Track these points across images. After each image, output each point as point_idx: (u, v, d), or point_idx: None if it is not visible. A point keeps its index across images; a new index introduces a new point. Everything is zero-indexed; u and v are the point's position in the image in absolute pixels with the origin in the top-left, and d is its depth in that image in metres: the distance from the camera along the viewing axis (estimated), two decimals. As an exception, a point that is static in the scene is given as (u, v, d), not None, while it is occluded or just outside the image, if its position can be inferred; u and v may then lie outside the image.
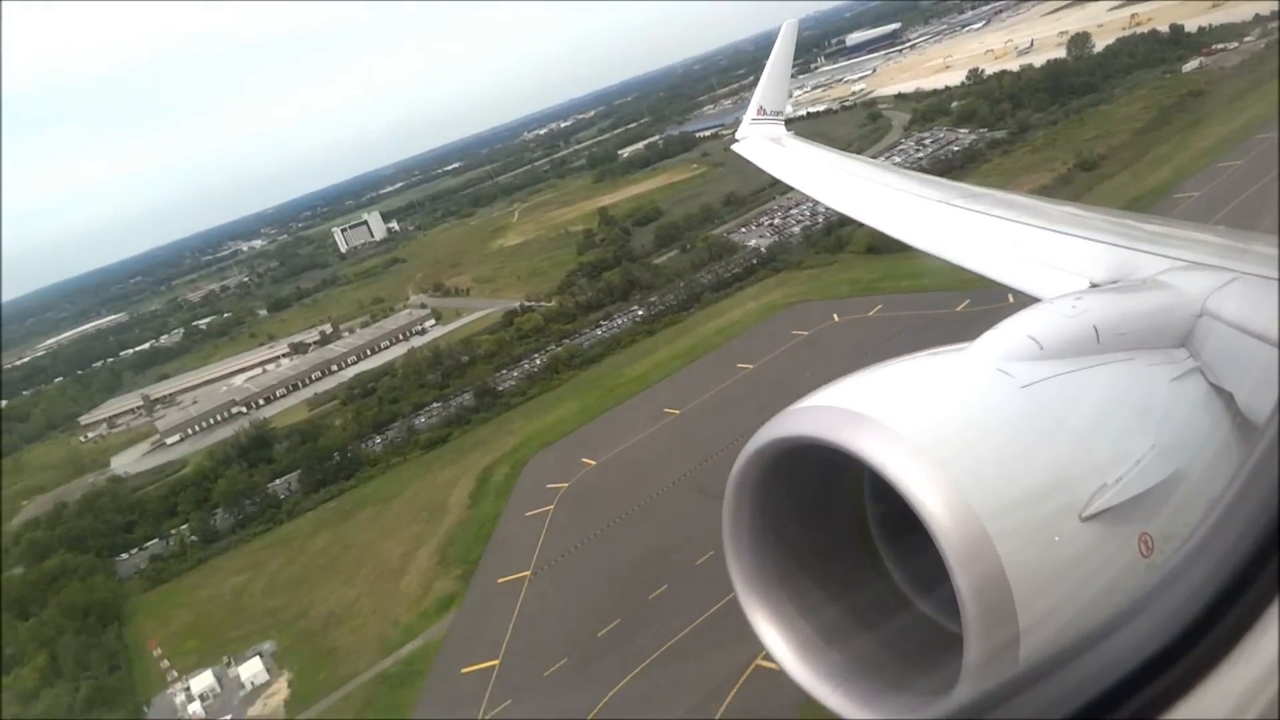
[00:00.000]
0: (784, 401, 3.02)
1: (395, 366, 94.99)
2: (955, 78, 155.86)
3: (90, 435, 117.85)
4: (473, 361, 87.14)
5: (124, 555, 68.86)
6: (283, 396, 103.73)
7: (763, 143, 12.69)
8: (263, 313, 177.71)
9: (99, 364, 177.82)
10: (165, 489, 77.95)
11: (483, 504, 56.89)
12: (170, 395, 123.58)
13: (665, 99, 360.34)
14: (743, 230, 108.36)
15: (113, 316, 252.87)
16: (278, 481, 72.50)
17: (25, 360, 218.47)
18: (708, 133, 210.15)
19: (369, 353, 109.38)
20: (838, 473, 3.13)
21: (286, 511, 66.94)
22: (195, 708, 44.72)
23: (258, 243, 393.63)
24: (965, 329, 3.30)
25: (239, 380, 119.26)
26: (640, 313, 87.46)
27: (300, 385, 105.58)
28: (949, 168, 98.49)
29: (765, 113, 13.54)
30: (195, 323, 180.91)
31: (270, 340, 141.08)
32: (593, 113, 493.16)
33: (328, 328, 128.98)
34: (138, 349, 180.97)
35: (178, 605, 58.08)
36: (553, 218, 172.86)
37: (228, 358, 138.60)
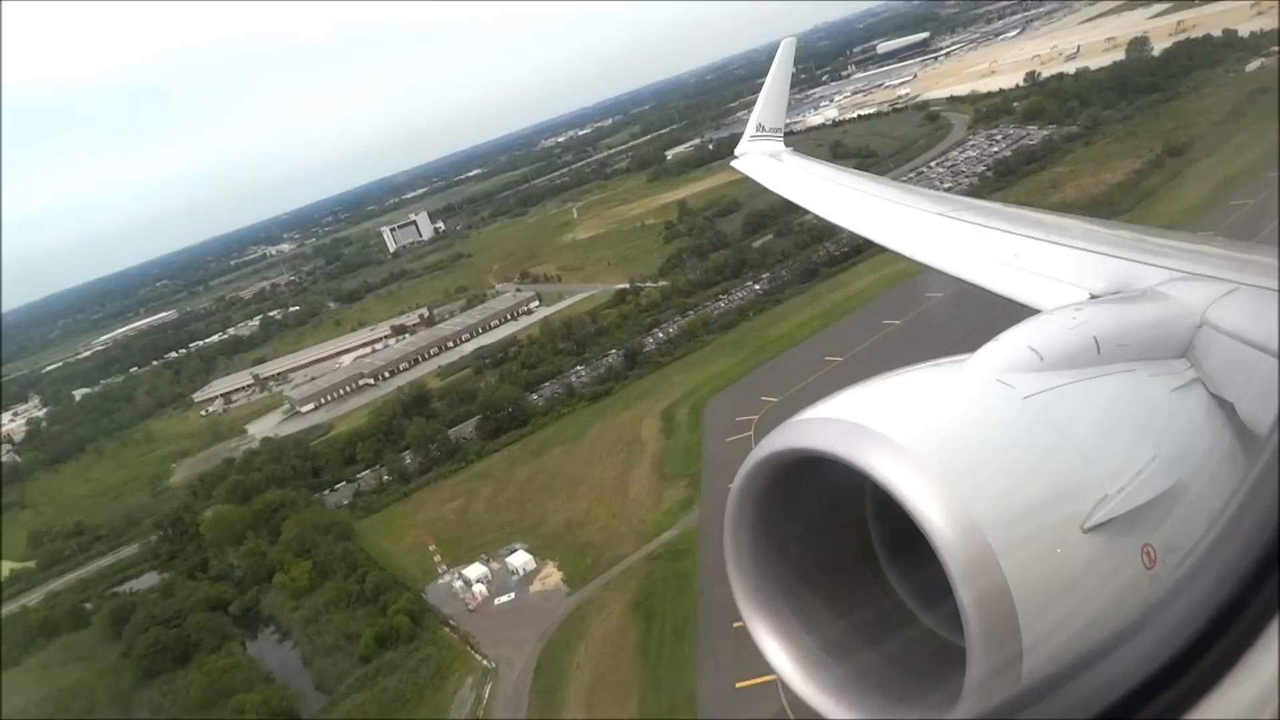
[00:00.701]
0: (938, 350, 3.48)
1: (526, 337, 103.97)
2: (1005, 81, 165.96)
3: (208, 410, 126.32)
4: (602, 331, 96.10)
5: (319, 494, 77.40)
6: (406, 370, 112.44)
7: (762, 159, 13.04)
8: (333, 304, 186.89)
9: (172, 354, 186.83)
10: (340, 443, 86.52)
11: (677, 435, 65.66)
12: (280, 374, 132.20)
13: (694, 105, 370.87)
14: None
15: (161, 314, 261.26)
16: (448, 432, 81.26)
17: (84, 355, 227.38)
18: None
19: (480, 331, 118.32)
20: (840, 485, 3.15)
21: (475, 452, 75.63)
22: (479, 588, 53.21)
23: (285, 246, 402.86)
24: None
25: (346, 360, 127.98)
26: (758, 287, 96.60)
27: (420, 360, 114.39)
28: (1032, 158, 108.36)
29: (764, 130, 13.88)
30: (270, 314, 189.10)
31: (360, 326, 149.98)
32: (610, 121, 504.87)
33: (423, 312, 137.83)
34: (206, 340, 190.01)
35: (403, 527, 66.50)
36: (618, 213, 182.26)
37: (321, 342, 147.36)
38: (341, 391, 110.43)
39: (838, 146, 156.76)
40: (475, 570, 54.98)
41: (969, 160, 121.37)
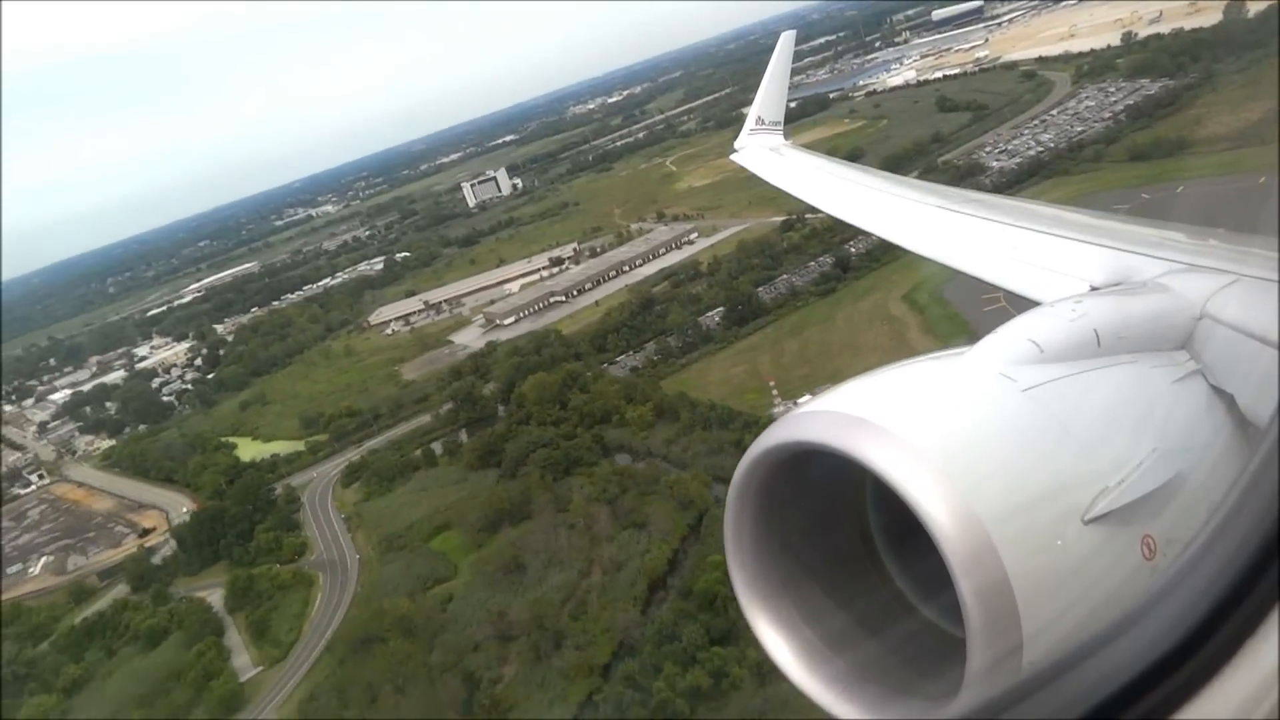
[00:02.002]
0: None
1: (709, 258, 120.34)
2: (1090, 43, 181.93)
3: (392, 330, 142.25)
4: (794, 248, 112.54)
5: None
6: (590, 289, 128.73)
7: (761, 152, 13.40)
8: (448, 250, 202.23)
9: (290, 295, 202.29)
10: (578, 339, 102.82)
11: (931, 310, 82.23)
12: (447, 300, 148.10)
13: (741, 71, 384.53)
14: (971, 157, 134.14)
15: (244, 266, 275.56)
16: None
17: (185, 300, 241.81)
18: (834, 94, 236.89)
19: (650, 258, 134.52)
20: (840, 478, 3.20)
21: (728, 337, 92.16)
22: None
23: (328, 208, 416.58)
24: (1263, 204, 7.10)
25: (513, 287, 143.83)
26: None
27: (601, 281, 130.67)
28: (1160, 104, 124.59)
29: (763, 123, 14.23)
30: (372, 261, 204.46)
31: (501, 263, 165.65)
32: (640, 88, 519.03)
33: (575, 246, 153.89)
34: (321, 283, 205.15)
35: (699, 386, 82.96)
36: (721, 165, 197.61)
37: (467, 276, 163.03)
38: (536, 308, 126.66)
39: (944, 101, 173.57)
40: (809, 399, 71.59)
41: (1090, 109, 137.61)
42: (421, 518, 73.44)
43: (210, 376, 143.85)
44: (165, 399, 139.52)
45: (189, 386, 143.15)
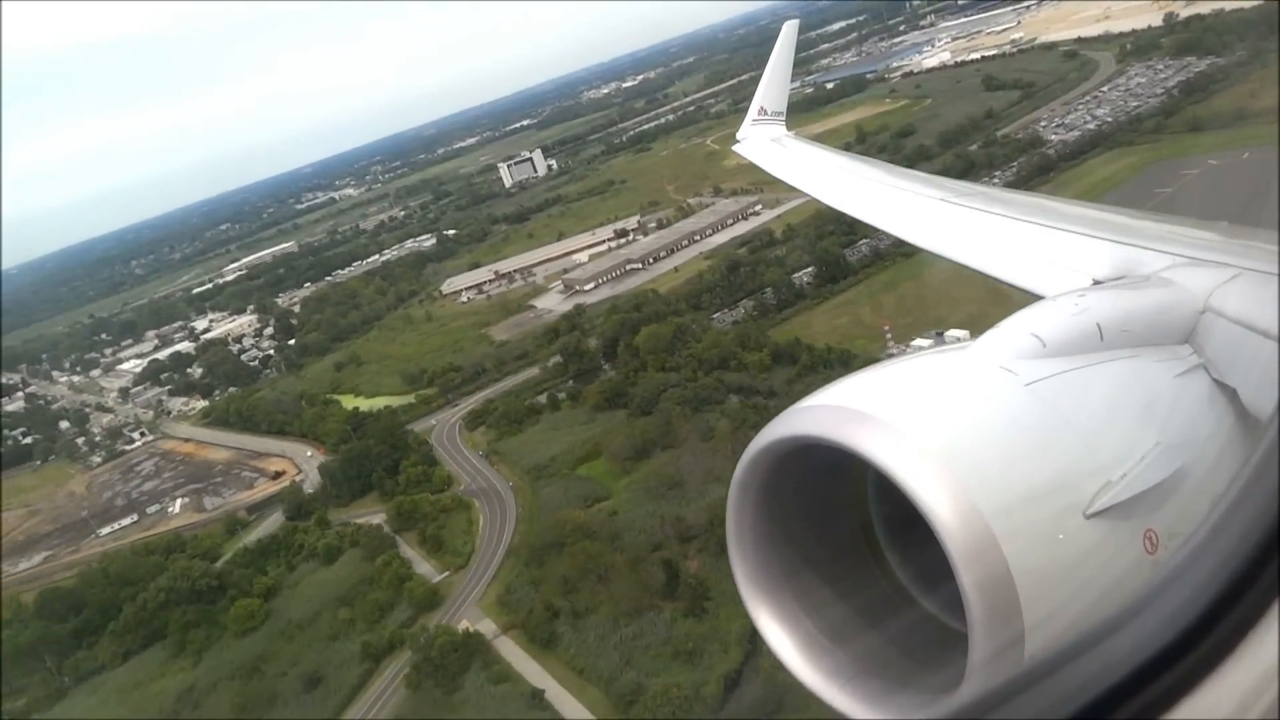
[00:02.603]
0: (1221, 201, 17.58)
1: (782, 225, 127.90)
2: (1129, 24, 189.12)
3: (467, 298, 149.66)
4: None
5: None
6: (665, 258, 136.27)
7: (764, 143, 13.61)
8: (497, 226, 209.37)
9: (340, 271, 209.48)
10: (671, 298, 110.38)
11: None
12: (517, 270, 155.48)
13: (758, 56, 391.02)
14: (1028, 131, 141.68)
15: (282, 246, 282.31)
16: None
17: (230, 279, 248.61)
18: (871, 75, 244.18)
19: (719, 228, 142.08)
20: (842, 472, 3.27)
21: (826, 291, 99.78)
22: (953, 332, 77.32)
23: (349, 191, 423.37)
24: None
25: (581, 257, 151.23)
26: (998, 178, 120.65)
27: (674, 250, 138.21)
28: (1212, 80, 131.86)
29: (766, 113, 14.40)
30: (445, 232, 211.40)
31: (561, 236, 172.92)
32: (654, 72, 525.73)
33: (638, 219, 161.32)
34: (371, 259, 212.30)
35: (805, 336, 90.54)
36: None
37: (526, 250, 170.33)
38: (614, 274, 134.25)
39: (990, 80, 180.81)
40: (921, 341, 79.30)
41: (1141, 85, 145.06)
42: (562, 451, 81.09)
43: (291, 343, 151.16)
44: (250, 364, 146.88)
45: (270, 353, 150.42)
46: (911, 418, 2.91)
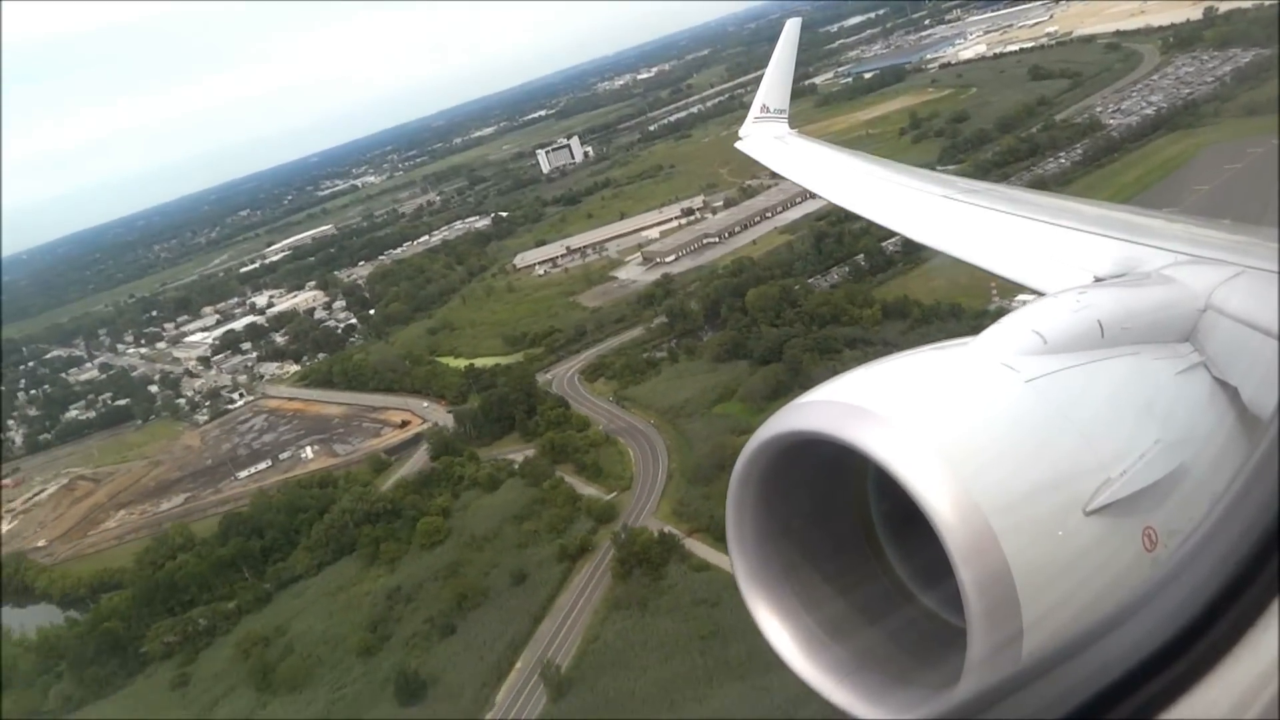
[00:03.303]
0: None
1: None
2: (1166, 18, 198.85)
3: (544, 271, 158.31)
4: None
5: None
6: (740, 232, 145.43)
7: (767, 140, 14.11)
8: (550, 208, 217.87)
9: (393, 250, 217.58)
10: (772, 263, 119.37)
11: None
12: (589, 245, 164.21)
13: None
14: (1084, 116, 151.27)
15: (320, 229, 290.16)
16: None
17: (278, 258, 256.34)
18: (908, 67, 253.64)
19: (790, 205, 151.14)
20: (842, 468, 3.31)
21: (916, 257, 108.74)
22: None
23: (370, 178, 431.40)
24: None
25: (652, 234, 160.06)
26: (1064, 159, 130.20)
27: (747, 226, 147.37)
28: (1262, 69, 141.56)
29: (769, 111, 14.79)
30: (499, 214, 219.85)
31: (622, 216, 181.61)
32: (669, 65, 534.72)
33: (702, 198, 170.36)
34: (421, 239, 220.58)
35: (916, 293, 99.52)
36: (812, 130, 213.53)
37: (597, 227, 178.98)
38: (692, 248, 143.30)
39: (1036, 70, 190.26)
40: (1024, 297, 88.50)
41: (1189, 74, 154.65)
42: (692, 395, 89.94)
43: (371, 313, 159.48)
44: (334, 333, 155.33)
45: (350, 322, 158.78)
46: (912, 414, 2.99)
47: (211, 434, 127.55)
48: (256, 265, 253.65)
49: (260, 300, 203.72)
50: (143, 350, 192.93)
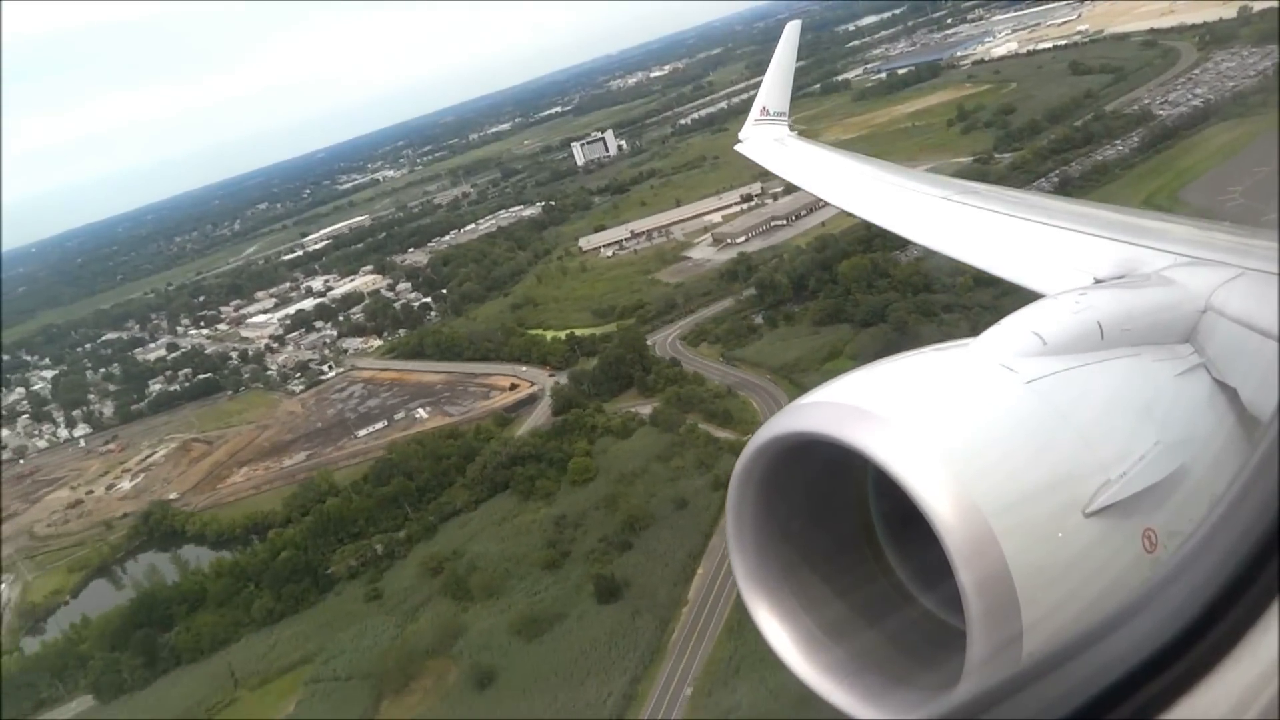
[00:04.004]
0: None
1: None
2: (1201, 16, 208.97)
3: (613, 253, 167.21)
4: (1014, 168, 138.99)
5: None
6: (806, 215, 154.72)
7: (766, 143, 14.54)
8: (596, 199, 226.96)
9: (442, 238, 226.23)
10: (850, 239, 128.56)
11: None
12: (653, 229, 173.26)
13: (811, 41, 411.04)
14: (1133, 107, 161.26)
15: (358, 218, 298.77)
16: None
17: (319, 246, 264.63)
18: (941, 61, 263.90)
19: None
20: (842, 469, 3.38)
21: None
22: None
23: (389, 172, 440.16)
24: None
25: (714, 218, 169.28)
26: (1121, 147, 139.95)
27: (811, 210, 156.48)
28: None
29: (768, 113, 15.20)
30: (549, 203, 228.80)
31: (678, 204, 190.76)
32: (683, 63, 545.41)
33: (760, 185, 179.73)
34: (467, 227, 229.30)
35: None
36: (855, 123, 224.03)
37: (654, 214, 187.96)
38: (761, 229, 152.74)
39: (1077, 65, 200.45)
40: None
41: (1231, 69, 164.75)
42: (801, 355, 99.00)
43: (444, 292, 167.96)
44: (409, 311, 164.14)
45: (425, 301, 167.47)
46: (911, 415, 3.06)
47: (310, 402, 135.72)
48: (300, 253, 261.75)
49: (315, 284, 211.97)
50: (204, 331, 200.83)
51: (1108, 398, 3.48)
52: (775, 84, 15.89)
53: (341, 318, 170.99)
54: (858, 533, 3.81)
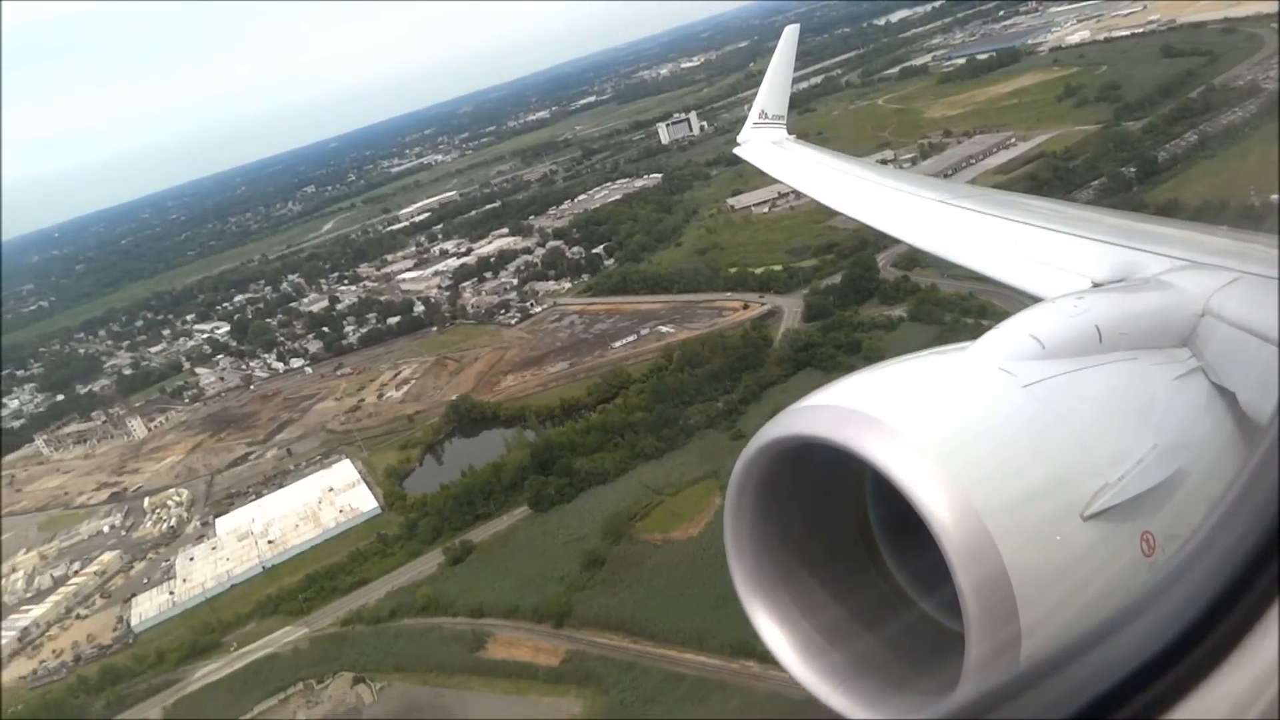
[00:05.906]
0: None
1: (1066, 148, 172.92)
2: (1270, 6, 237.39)
3: (765, 210, 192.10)
4: (1146, 131, 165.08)
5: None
6: (952, 175, 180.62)
7: (765, 146, 15.47)
8: (714, 171, 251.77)
9: (563, 205, 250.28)
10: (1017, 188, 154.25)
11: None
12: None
13: (851, 34, 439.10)
14: (1238, 83, 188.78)
15: (445, 194, 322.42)
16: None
17: (421, 218, 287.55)
18: (1019, 47, 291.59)
19: (988, 154, 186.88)
20: (840, 472, 3.56)
21: (1153, 180, 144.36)
22: None
23: (439, 156, 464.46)
24: None
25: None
26: (1240, 113, 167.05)
27: (951, 173, 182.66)
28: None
29: (767, 117, 16.29)
30: (669, 173, 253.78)
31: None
32: (714, 55, 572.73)
33: (890, 153, 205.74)
34: (578, 198, 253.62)
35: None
36: (955, 101, 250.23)
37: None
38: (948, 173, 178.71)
39: (1168, 48, 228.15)
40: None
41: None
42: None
43: (603, 248, 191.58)
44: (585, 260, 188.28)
45: (596, 252, 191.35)
46: (910, 418, 3.21)
47: (532, 331, 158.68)
48: (405, 224, 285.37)
49: (448, 246, 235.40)
50: (351, 288, 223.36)
51: (1106, 401, 3.72)
52: (774, 87, 17.17)
53: (510, 268, 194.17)
54: (856, 536, 4.08)
